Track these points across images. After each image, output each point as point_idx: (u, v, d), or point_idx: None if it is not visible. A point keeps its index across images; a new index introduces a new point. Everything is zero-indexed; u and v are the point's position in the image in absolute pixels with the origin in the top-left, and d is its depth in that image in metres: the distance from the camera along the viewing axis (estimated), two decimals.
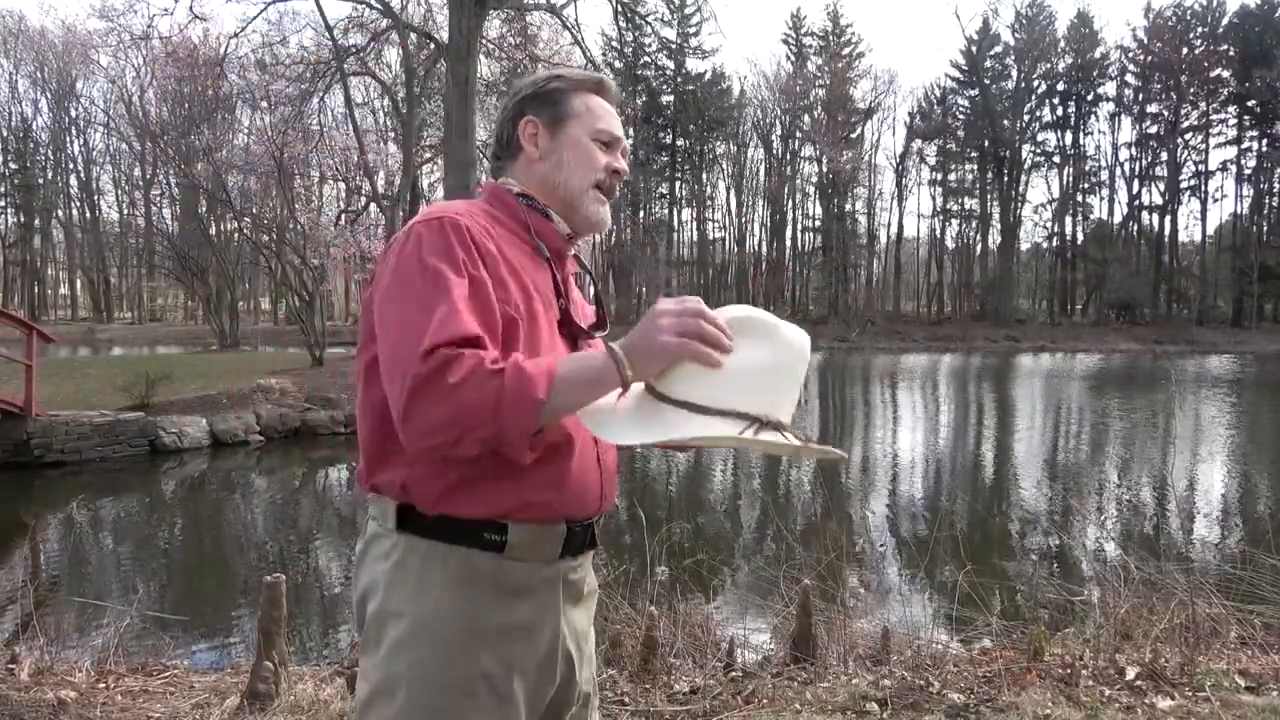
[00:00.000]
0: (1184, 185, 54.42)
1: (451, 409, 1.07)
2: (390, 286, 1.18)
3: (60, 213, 54.69)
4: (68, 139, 52.44)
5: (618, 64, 50.85)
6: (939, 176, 58.18)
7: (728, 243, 58.96)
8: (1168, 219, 55.28)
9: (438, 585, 1.20)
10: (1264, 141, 52.00)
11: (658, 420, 1.14)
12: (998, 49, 56.13)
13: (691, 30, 52.42)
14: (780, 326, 1.19)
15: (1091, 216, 57.87)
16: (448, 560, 1.20)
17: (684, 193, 58.64)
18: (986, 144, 54.59)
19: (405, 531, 1.22)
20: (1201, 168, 54.30)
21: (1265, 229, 52.98)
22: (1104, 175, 57.09)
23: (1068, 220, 57.36)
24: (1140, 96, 54.14)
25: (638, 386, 1.17)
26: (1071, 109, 55.87)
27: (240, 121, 38.32)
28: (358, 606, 1.28)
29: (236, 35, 22.08)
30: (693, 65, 55.45)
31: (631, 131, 54.94)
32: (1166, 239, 55.35)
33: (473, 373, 1.07)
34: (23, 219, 52.84)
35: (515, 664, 1.22)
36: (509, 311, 1.20)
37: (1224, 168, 54.14)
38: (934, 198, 61.63)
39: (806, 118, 55.48)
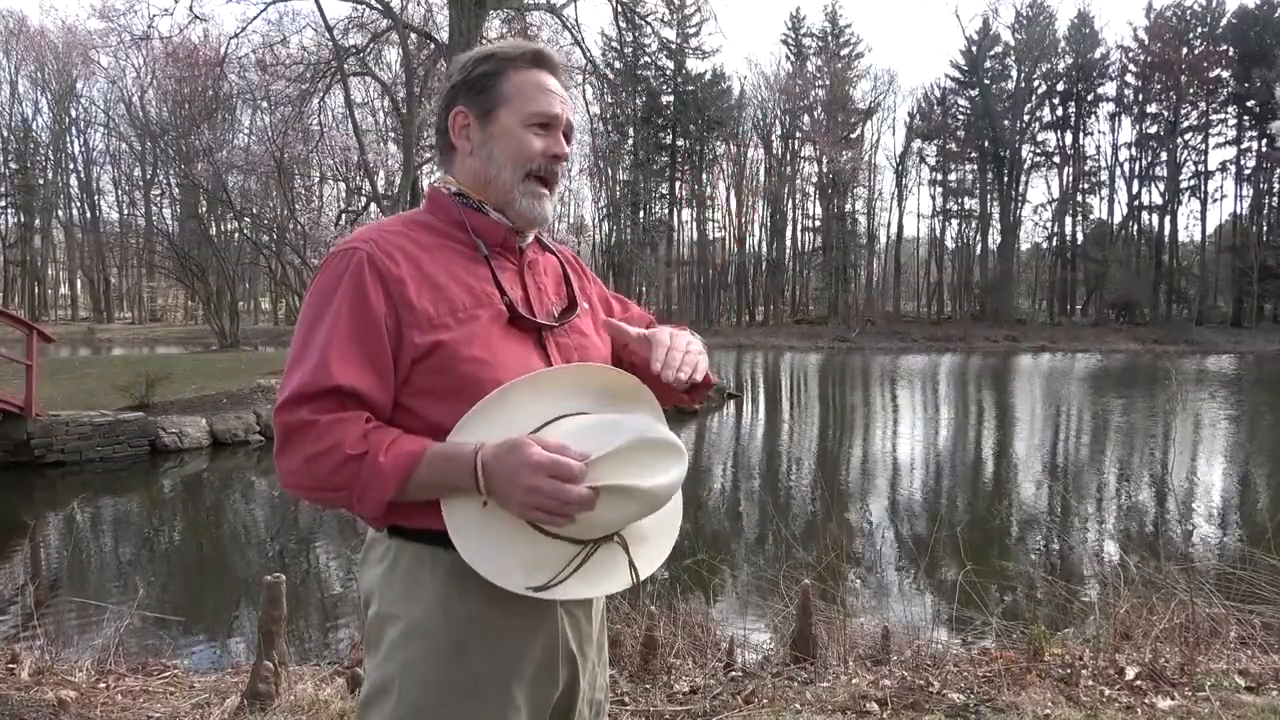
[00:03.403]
0: (1184, 185, 54.35)
1: (311, 478, 1.14)
2: (299, 317, 1.23)
3: (60, 213, 54.75)
4: (68, 139, 52.56)
5: (618, 64, 50.84)
6: (939, 176, 58.14)
7: (728, 243, 58.91)
8: (1167, 219, 55.24)
9: (428, 588, 1.20)
10: (1263, 141, 51.98)
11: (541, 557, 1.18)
12: (998, 49, 56.06)
13: (691, 30, 52.36)
14: (646, 479, 1.16)
15: (1091, 216, 57.87)
16: (437, 564, 1.20)
17: (684, 193, 58.58)
18: (986, 144, 54.53)
19: (396, 536, 1.23)
20: (1201, 168, 54.24)
21: (1265, 229, 52.89)
22: (1104, 175, 57.09)
23: (1068, 220, 57.34)
24: (1140, 96, 54.09)
25: None
26: (1071, 109, 55.82)
27: (240, 121, 38.41)
28: (363, 610, 1.30)
29: (236, 35, 22.20)
30: (693, 65, 55.41)
31: (631, 132, 54.97)
32: (1166, 239, 55.28)
33: (330, 451, 1.12)
34: (23, 219, 52.87)
35: (509, 666, 1.22)
36: (423, 337, 1.18)
37: (1223, 168, 54.10)
38: (934, 198, 61.73)
39: (806, 118, 55.46)
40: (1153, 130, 53.98)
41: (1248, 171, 53.27)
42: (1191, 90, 51.41)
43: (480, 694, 1.20)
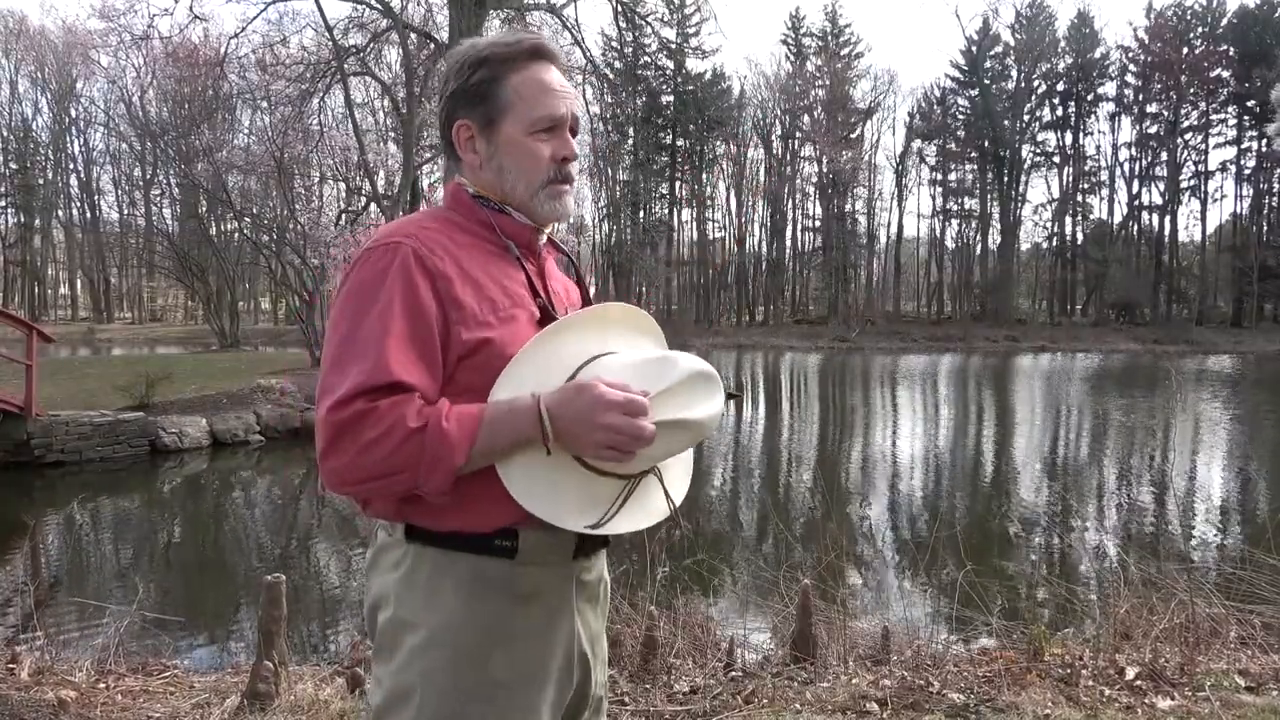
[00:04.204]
0: (1184, 185, 54.34)
1: (368, 466, 1.09)
2: (337, 312, 1.19)
3: (60, 213, 54.73)
4: (68, 139, 52.53)
5: (618, 64, 50.83)
6: (939, 176, 58.12)
7: (728, 243, 58.88)
8: (1167, 219, 55.23)
9: (449, 594, 1.19)
10: (1263, 141, 51.92)
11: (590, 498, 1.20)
12: (998, 49, 56.05)
13: (691, 30, 52.34)
14: (698, 404, 1.20)
15: (1091, 216, 57.86)
16: (458, 569, 1.19)
17: (684, 193, 58.56)
18: (986, 144, 54.52)
19: (414, 541, 1.21)
20: (1201, 168, 54.25)
21: (1265, 229, 52.90)
22: (1104, 175, 57.08)
23: (1068, 220, 57.34)
24: (1140, 96, 54.08)
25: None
26: (1071, 109, 55.82)
27: (240, 121, 38.34)
28: (369, 615, 1.27)
29: (237, 35, 22.18)
30: (693, 65, 55.34)
31: (631, 132, 54.94)
32: (1166, 239, 55.28)
33: (391, 430, 1.08)
34: (23, 219, 52.86)
35: (531, 672, 1.21)
36: (470, 334, 1.18)
37: (1224, 168, 54.10)
38: (934, 198, 61.71)
39: (806, 118, 55.43)
40: (1153, 130, 53.98)
41: (1248, 171, 53.30)
42: (1191, 90, 51.40)
43: (502, 701, 1.19)
